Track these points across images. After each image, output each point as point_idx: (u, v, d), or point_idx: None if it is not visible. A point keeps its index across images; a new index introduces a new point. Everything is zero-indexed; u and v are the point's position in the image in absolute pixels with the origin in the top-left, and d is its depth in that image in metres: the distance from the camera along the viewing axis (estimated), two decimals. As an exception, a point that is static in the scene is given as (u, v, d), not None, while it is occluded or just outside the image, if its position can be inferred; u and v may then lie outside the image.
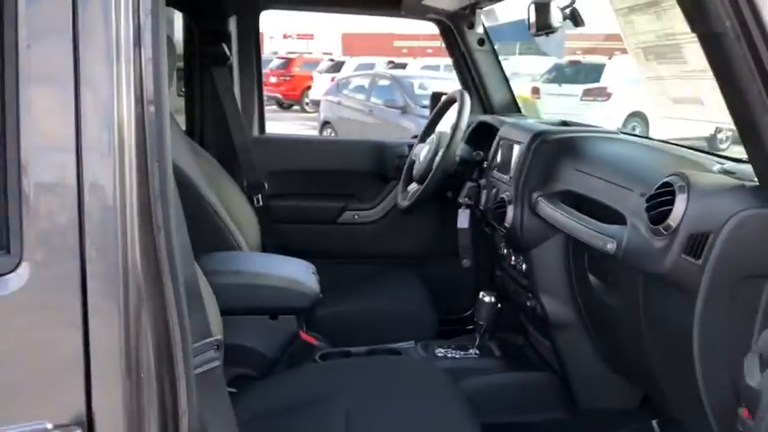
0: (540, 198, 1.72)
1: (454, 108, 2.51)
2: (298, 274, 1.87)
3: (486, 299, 2.01)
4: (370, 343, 2.12)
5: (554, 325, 1.87)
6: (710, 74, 1.43)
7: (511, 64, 13.28)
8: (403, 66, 15.47)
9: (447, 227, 2.73)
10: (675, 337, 1.32)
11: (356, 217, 2.69)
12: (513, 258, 1.97)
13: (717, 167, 1.34)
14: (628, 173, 1.49)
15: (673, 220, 1.21)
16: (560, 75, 12.55)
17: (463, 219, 2.27)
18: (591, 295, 1.69)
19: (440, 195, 2.47)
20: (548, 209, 1.67)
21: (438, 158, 2.17)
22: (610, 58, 12.85)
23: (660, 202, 1.24)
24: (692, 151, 1.61)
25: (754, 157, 1.19)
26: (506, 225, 1.84)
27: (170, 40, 2.37)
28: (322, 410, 1.46)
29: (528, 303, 1.91)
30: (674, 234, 1.21)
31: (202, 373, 0.94)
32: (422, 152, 2.34)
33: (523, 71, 13.23)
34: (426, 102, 9.39)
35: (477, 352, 2.06)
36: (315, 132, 11.59)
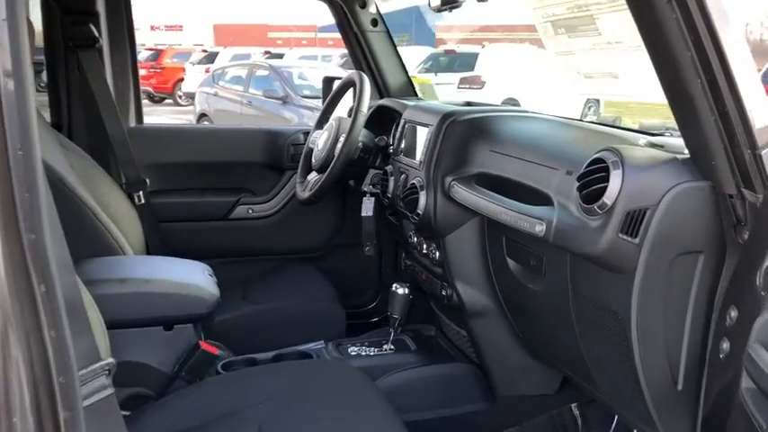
0: (454, 182, 1.63)
1: (351, 93, 2.40)
2: (192, 277, 1.68)
3: (400, 291, 1.90)
4: (276, 347, 1.96)
5: (471, 313, 1.79)
6: (627, 46, 1.38)
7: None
8: (280, 56, 15.14)
9: (348, 216, 2.62)
10: (608, 319, 1.27)
11: (250, 211, 2.51)
12: (424, 246, 1.88)
13: (642, 141, 1.29)
14: (549, 151, 1.42)
15: (608, 197, 1.14)
16: (436, 64, 12.78)
17: (368, 207, 2.14)
18: (510, 280, 1.62)
19: (341, 184, 2.35)
20: (464, 193, 1.57)
21: (339, 145, 2.03)
22: (483, 47, 13.20)
23: (593, 180, 1.17)
24: (607, 127, 1.57)
25: (685, 127, 1.15)
26: (419, 212, 1.73)
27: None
28: (231, 427, 1.30)
29: (443, 293, 1.82)
30: (609, 213, 1.15)
31: (92, 405, 0.77)
32: (320, 139, 2.20)
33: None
34: (307, 92, 9.25)
35: (393, 347, 1.96)
36: (191, 126, 11.11)
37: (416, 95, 2.60)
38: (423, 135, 1.82)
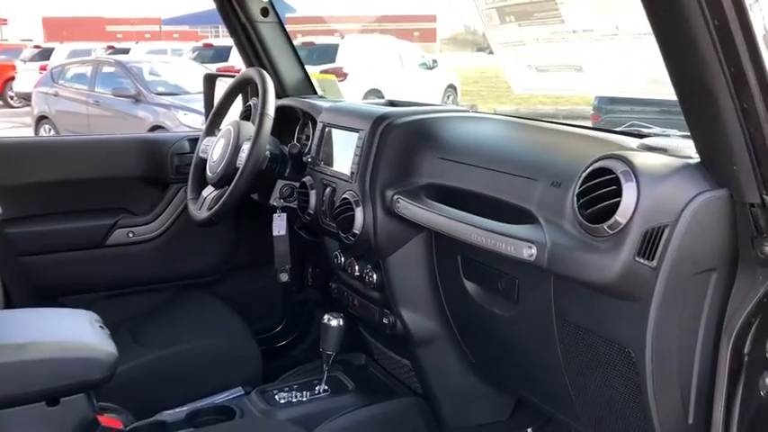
0: (398, 196, 1.40)
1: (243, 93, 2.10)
2: (80, 333, 1.33)
3: (333, 323, 1.64)
4: (186, 400, 1.65)
5: (418, 342, 1.57)
6: (599, 35, 1.22)
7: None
8: (125, 51, 14.10)
9: (247, 234, 2.31)
10: (613, 352, 1.10)
11: (131, 235, 2.14)
12: (356, 268, 1.63)
13: (635, 144, 1.13)
14: (520, 158, 1.23)
15: (621, 215, 0.96)
16: (294, 57, 12.42)
17: (279, 224, 1.87)
18: (467, 305, 1.42)
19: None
20: (415, 209, 1.35)
21: (243, 155, 1.73)
22: (342, 38, 13.03)
23: (600, 195, 0.99)
24: (572, 128, 1.41)
25: (699, 128, 0.99)
26: (355, 232, 1.49)
27: None
28: None
29: (384, 321, 1.59)
30: (623, 233, 0.97)
31: None
32: (215, 148, 1.89)
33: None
34: (161, 88, 8.60)
35: (327, 388, 1.69)
36: (28, 131, 10.04)
37: (316, 93, 2.34)
38: (350, 142, 1.57)
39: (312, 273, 2.37)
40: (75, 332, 1.32)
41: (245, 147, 1.77)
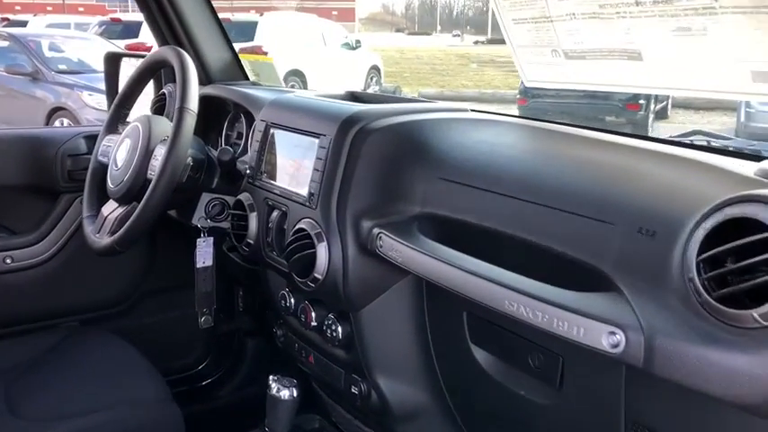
0: (380, 231, 1.00)
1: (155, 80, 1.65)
2: None
3: (285, 394, 1.22)
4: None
5: (399, 417, 1.18)
6: (672, 7, 0.86)
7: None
8: (23, 23, 12.92)
9: (161, 252, 1.87)
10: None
11: (9, 261, 1.65)
12: (312, 316, 1.22)
13: (748, 168, 0.77)
14: (577, 187, 0.84)
15: None
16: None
17: (205, 252, 1.43)
18: (473, 377, 1.04)
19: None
20: (406, 250, 0.94)
21: (158, 162, 1.29)
22: (261, 15, 12.37)
23: (738, 264, 0.62)
24: (626, 138, 1.04)
25: None
26: (317, 276, 1.08)
27: None
28: None
29: (353, 390, 1.19)
30: None
31: None
32: (118, 151, 1.43)
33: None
34: (63, 66, 7.82)
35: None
36: None
37: (247, 79, 1.90)
38: (306, 150, 1.15)
39: (243, 296, 1.95)
40: None
41: (160, 151, 1.33)
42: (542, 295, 0.76)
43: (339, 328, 1.17)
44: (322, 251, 1.07)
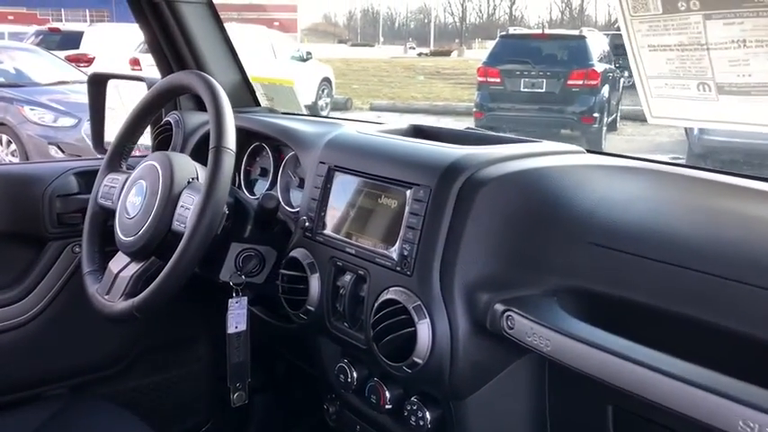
0: (507, 309, 0.81)
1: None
2: None
3: None
4: None
5: None
6: None
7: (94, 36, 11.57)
8: (-50, 33, 12.18)
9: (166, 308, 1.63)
10: None
11: None
12: (387, 397, 1.02)
13: None
14: None
15: None
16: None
17: (238, 315, 1.21)
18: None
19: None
20: (558, 338, 0.75)
21: (191, 211, 1.08)
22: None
23: None
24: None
25: None
26: (417, 360, 0.88)
27: None
28: None
29: None
30: None
31: None
32: (128, 196, 1.20)
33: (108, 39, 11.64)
34: (1, 78, 7.32)
35: None
36: None
37: (257, 104, 1.68)
38: (391, 201, 0.95)
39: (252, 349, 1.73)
40: None
41: (188, 198, 1.11)
42: None
43: (427, 414, 0.97)
44: (424, 330, 0.87)
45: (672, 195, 0.92)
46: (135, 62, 10.34)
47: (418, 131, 1.21)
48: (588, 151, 1.06)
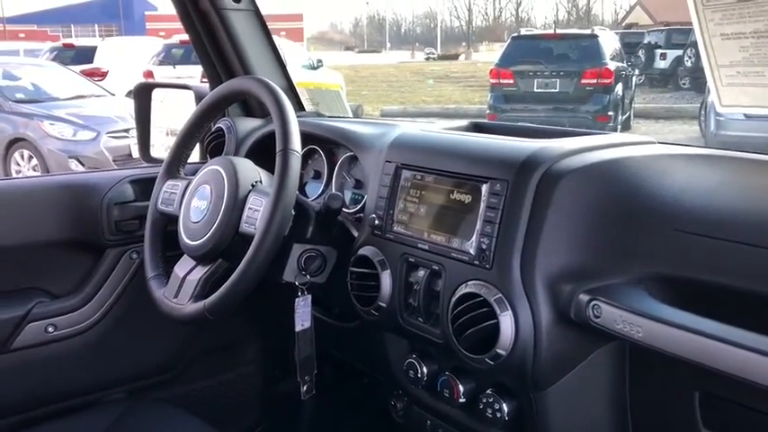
0: (593, 298, 0.82)
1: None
2: None
3: None
4: None
5: None
6: None
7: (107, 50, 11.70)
8: (-33, 52, 12.35)
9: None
10: None
11: (51, 329, 1.42)
12: (461, 390, 1.03)
13: None
14: None
15: None
16: (170, 56, 11.43)
17: (303, 312, 1.23)
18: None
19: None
20: (650, 324, 0.76)
21: (260, 213, 1.10)
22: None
23: None
24: None
25: None
26: (500, 352, 0.89)
27: None
28: None
29: None
30: None
31: None
32: (192, 201, 1.23)
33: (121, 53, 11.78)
34: (21, 95, 7.41)
35: None
36: None
37: (302, 109, 1.70)
38: (464, 197, 0.97)
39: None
40: None
41: (255, 201, 1.13)
42: None
43: (504, 407, 0.98)
44: (507, 321, 0.88)
45: (755, 181, 0.93)
46: (149, 74, 10.45)
47: (479, 127, 1.23)
48: (660, 143, 1.07)
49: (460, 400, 1.03)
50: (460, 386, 1.03)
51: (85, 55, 11.45)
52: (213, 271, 1.17)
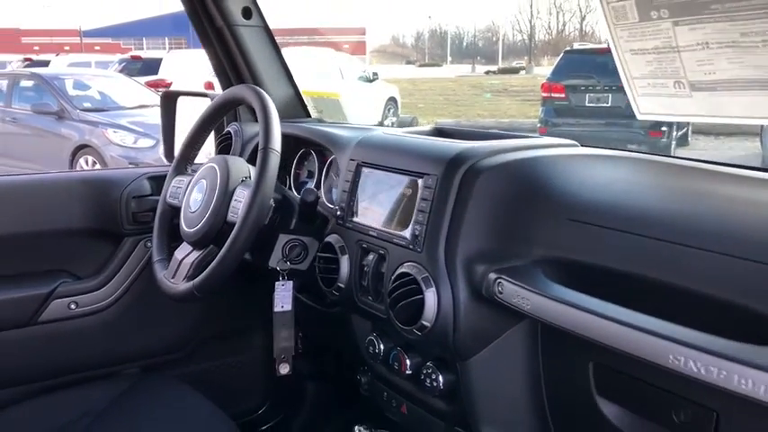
0: (498, 277, 0.94)
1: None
2: None
3: None
4: None
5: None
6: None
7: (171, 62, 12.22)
8: (45, 63, 13.10)
9: (224, 294, 1.81)
10: None
11: (74, 306, 1.61)
12: (407, 363, 1.16)
13: None
14: (736, 230, 0.78)
15: None
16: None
17: (284, 296, 1.38)
18: (595, 431, 0.97)
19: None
20: (537, 298, 0.88)
21: (242, 203, 1.25)
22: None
23: None
24: (759, 172, 0.98)
25: None
26: (425, 324, 1.02)
27: None
28: None
29: None
30: None
31: None
32: (191, 193, 1.39)
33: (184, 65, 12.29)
34: (88, 104, 7.84)
35: None
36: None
37: (308, 116, 1.86)
38: (406, 190, 1.10)
39: (302, 339, 1.89)
40: None
41: (241, 193, 1.29)
42: (717, 349, 0.69)
43: (440, 377, 1.10)
44: (431, 297, 1.01)
45: (647, 178, 1.03)
46: (209, 86, 10.85)
47: (440, 131, 1.36)
48: (582, 145, 1.18)
49: (407, 372, 1.16)
50: (407, 360, 1.16)
51: (151, 67, 12.00)
52: (205, 255, 1.33)
